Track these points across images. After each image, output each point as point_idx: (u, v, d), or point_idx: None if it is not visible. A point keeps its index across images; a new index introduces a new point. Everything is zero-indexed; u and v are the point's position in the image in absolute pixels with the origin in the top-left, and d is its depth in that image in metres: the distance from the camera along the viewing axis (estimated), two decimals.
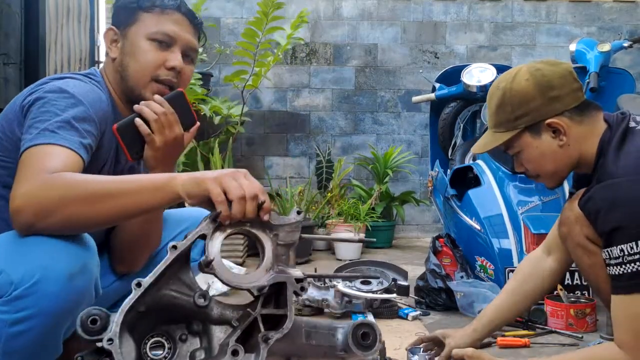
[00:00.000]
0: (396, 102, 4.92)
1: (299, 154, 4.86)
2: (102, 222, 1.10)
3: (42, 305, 1.01)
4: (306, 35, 4.78)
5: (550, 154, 1.46)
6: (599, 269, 1.41)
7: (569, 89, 1.44)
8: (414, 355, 1.63)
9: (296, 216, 1.07)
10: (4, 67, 2.84)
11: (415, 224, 4.91)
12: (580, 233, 1.44)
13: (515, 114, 1.46)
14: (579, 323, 2.10)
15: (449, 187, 3.01)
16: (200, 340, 1.02)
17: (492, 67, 3.27)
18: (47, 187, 1.04)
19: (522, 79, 1.45)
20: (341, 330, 1.05)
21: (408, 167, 4.75)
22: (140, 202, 1.06)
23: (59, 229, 1.05)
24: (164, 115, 1.29)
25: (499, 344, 1.95)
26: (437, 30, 4.93)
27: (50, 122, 1.16)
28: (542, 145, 1.46)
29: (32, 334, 1.02)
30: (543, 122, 1.44)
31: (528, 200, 2.59)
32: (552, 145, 1.45)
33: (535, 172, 1.53)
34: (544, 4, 4.97)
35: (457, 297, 2.38)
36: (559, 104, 1.43)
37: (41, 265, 1.01)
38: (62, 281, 1.02)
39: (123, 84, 1.37)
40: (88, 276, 1.07)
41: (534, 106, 1.43)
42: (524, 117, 1.45)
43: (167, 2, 1.37)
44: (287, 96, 4.87)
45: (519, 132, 1.47)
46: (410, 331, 2.10)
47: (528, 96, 1.44)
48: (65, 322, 1.05)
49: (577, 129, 1.44)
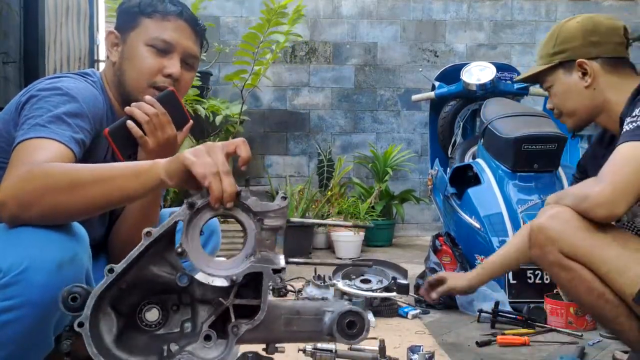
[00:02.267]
0: (396, 100, 4.91)
1: (298, 153, 4.86)
2: (85, 210, 1.07)
3: (30, 294, 1.00)
4: (305, 34, 4.78)
5: (575, 92, 1.58)
6: (578, 282, 1.41)
7: (610, 40, 1.56)
8: (414, 354, 1.63)
9: (281, 202, 1.02)
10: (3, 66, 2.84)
11: (415, 222, 4.91)
12: (553, 251, 1.43)
13: (556, 49, 1.60)
14: (578, 321, 2.10)
15: (448, 186, 3.01)
16: (190, 312, 1.02)
17: (492, 66, 3.27)
18: (29, 178, 1.04)
19: (575, 20, 1.60)
20: (329, 315, 1.03)
21: (408, 166, 4.75)
22: (123, 187, 1.04)
23: (44, 219, 1.04)
24: (156, 117, 1.28)
25: (499, 342, 1.95)
26: (437, 29, 4.93)
27: (42, 117, 1.16)
28: (569, 82, 1.58)
29: (20, 325, 1.01)
30: (575, 61, 1.56)
31: (528, 199, 2.59)
32: (578, 84, 1.57)
33: (558, 108, 1.64)
34: (544, 2, 4.97)
35: (456, 295, 2.39)
36: (596, 50, 1.55)
37: (30, 254, 1.00)
38: (51, 270, 1.01)
39: (121, 88, 1.37)
40: (78, 266, 1.05)
41: (573, 45, 1.57)
42: (561, 53, 1.59)
43: (169, 9, 1.37)
44: (287, 95, 4.87)
45: (554, 65, 1.60)
46: (410, 330, 2.10)
47: (571, 35, 1.58)
48: (54, 313, 1.04)
49: (606, 77, 1.55)
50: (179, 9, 1.38)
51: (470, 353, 1.88)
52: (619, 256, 1.36)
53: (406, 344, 1.77)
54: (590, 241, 1.38)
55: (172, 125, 1.31)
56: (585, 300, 1.42)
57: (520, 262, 1.82)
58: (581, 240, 1.38)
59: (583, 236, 1.38)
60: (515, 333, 2.04)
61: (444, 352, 1.84)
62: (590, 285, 1.39)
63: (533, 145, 2.60)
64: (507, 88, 3.33)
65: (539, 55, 1.67)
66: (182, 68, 1.38)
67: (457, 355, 1.84)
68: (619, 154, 1.36)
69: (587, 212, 1.36)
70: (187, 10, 1.41)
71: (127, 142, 1.27)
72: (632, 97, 1.47)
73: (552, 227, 1.42)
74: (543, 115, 2.85)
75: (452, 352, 1.86)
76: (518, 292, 2.41)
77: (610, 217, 1.34)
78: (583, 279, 1.39)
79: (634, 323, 1.37)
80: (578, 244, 1.38)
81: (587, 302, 1.42)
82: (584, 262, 1.39)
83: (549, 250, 1.43)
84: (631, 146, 1.35)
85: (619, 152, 1.36)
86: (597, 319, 1.54)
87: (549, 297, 2.18)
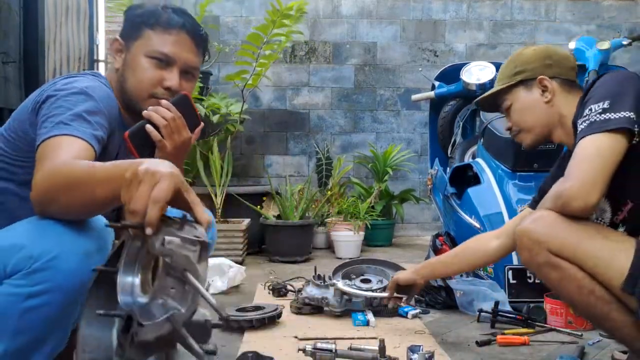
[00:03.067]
0: (395, 100, 4.91)
1: (298, 153, 4.86)
2: (87, 209, 1.08)
3: (59, 280, 1.04)
4: (305, 33, 4.78)
5: (536, 107, 1.72)
6: (568, 280, 1.42)
7: (564, 64, 1.73)
8: (414, 353, 1.63)
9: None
10: (3, 65, 2.84)
11: (415, 222, 4.91)
12: (541, 251, 1.43)
13: (516, 70, 1.76)
14: (578, 321, 2.10)
15: (448, 186, 3.01)
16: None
17: (492, 65, 3.27)
18: (50, 175, 1.07)
19: (531, 49, 1.79)
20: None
21: (407, 166, 4.75)
22: (107, 191, 1.02)
23: (65, 214, 1.08)
24: (173, 121, 1.33)
25: (499, 342, 1.95)
26: (437, 29, 4.93)
27: (64, 116, 1.20)
28: (530, 99, 1.73)
29: (45, 311, 1.05)
30: (536, 79, 1.71)
31: (527, 199, 2.58)
32: (539, 100, 1.71)
33: (518, 125, 1.77)
34: (544, 2, 4.97)
35: (456, 295, 2.39)
36: (552, 71, 1.72)
37: (60, 242, 1.05)
38: (79, 258, 1.06)
39: (123, 94, 1.42)
40: (105, 256, 1.09)
41: (533, 66, 1.73)
42: (522, 73, 1.74)
43: (172, 21, 1.40)
44: (287, 95, 4.87)
45: (515, 84, 1.75)
46: (410, 329, 2.10)
47: (530, 59, 1.75)
48: (78, 301, 1.07)
49: (563, 95, 1.70)
50: (181, 21, 1.41)
51: (470, 353, 1.88)
52: (603, 248, 1.39)
53: (406, 343, 1.78)
54: (575, 237, 1.40)
55: (187, 129, 1.37)
56: (577, 299, 1.43)
57: (456, 271, 2.06)
58: (567, 237, 1.41)
59: (568, 233, 1.41)
60: (515, 333, 2.04)
61: (443, 352, 1.84)
62: (580, 283, 1.40)
63: None
64: None
65: (498, 79, 1.81)
66: (182, 79, 1.42)
67: (457, 355, 1.84)
68: (579, 148, 1.42)
69: (565, 207, 1.40)
70: (189, 20, 1.44)
71: (145, 145, 1.32)
72: (579, 102, 1.59)
73: (537, 229, 1.44)
74: None
75: (451, 352, 1.86)
76: (518, 291, 2.41)
77: (587, 208, 1.38)
78: (573, 278, 1.40)
79: (627, 318, 1.38)
80: (565, 241, 1.41)
81: (579, 301, 1.43)
82: (571, 259, 1.40)
83: (537, 252, 1.44)
84: (589, 139, 1.41)
85: (579, 147, 1.42)
86: (591, 318, 1.54)
87: (549, 296, 2.18)
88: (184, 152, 1.38)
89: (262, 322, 2.07)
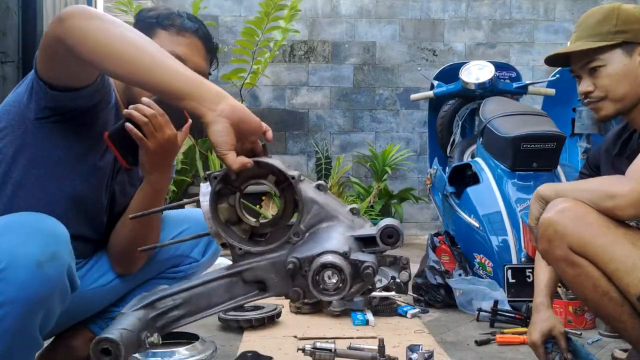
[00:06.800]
0: (394, 99, 4.92)
1: (297, 152, 4.86)
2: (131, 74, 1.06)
3: (10, 292, 0.99)
4: (304, 33, 4.78)
5: (632, 76, 1.51)
6: (584, 278, 1.40)
7: None
8: (413, 352, 1.63)
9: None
10: (1, 65, 2.84)
11: (414, 221, 4.92)
12: (561, 245, 1.41)
13: (618, 27, 1.51)
14: (577, 320, 2.10)
15: (447, 185, 3.01)
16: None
17: (491, 65, 3.27)
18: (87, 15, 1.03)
19: (632, 6, 1.55)
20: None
21: (406, 165, 4.75)
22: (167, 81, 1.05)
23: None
24: (154, 118, 1.27)
25: (498, 341, 1.95)
26: (436, 28, 4.93)
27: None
28: (629, 65, 1.51)
29: (3, 324, 1.00)
30: (638, 44, 1.50)
31: (526, 198, 2.59)
32: (638, 69, 1.50)
33: (606, 90, 1.53)
34: (542, 1, 4.97)
35: (456, 294, 2.39)
36: None
37: (9, 252, 0.99)
38: (31, 268, 1.00)
39: (128, 92, 1.38)
40: (59, 264, 1.04)
41: (635, 28, 1.50)
42: (624, 33, 1.50)
43: (186, 24, 1.39)
44: (286, 94, 4.87)
45: (614, 44, 1.51)
46: (410, 328, 2.10)
47: (634, 18, 1.51)
48: (38, 311, 1.03)
49: None
50: (196, 26, 1.40)
51: (469, 352, 1.88)
52: (629, 255, 1.35)
53: (405, 343, 1.77)
54: (601, 238, 1.36)
55: (171, 126, 1.30)
56: (591, 297, 1.42)
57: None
58: (592, 236, 1.37)
59: (594, 233, 1.36)
60: (514, 332, 2.04)
61: (443, 351, 1.84)
62: (596, 282, 1.38)
63: (532, 144, 2.60)
64: (506, 87, 3.33)
65: (592, 34, 1.54)
66: None
67: (456, 354, 1.84)
68: None
69: (613, 210, 1.34)
70: (203, 27, 1.43)
71: (128, 146, 1.27)
72: None
73: (562, 222, 1.39)
74: (542, 114, 2.85)
75: (451, 351, 1.86)
76: (517, 291, 2.41)
77: (636, 217, 1.33)
78: (589, 276, 1.38)
79: (637, 322, 1.38)
80: (588, 240, 1.37)
81: (592, 299, 1.42)
82: (591, 259, 1.38)
83: (557, 245, 1.41)
84: None
85: None
86: (600, 316, 1.54)
87: None
88: (170, 150, 1.32)
89: (261, 322, 2.07)
